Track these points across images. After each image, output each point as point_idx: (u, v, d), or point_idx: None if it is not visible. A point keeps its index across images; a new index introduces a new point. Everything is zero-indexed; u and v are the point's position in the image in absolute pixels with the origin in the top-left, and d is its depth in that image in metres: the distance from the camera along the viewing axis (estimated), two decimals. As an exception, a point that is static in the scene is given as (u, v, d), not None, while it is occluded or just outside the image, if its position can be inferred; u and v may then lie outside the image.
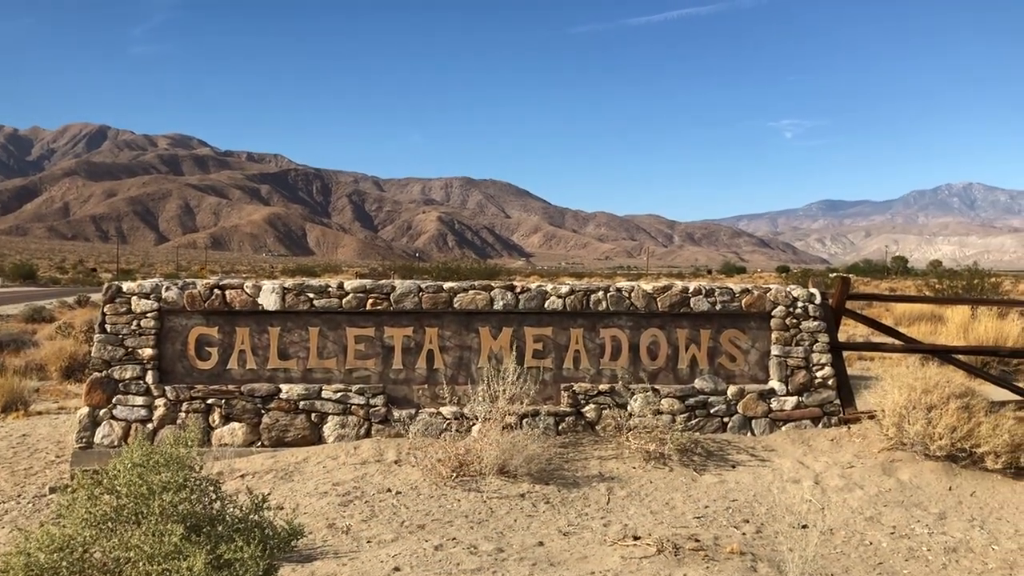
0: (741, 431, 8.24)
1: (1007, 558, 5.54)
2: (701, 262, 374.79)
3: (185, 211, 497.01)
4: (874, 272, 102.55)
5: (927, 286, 35.45)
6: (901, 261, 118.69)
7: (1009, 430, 7.17)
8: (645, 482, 6.92)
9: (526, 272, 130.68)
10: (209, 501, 4.05)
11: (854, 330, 18.04)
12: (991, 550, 5.69)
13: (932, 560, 5.49)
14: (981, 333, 14.60)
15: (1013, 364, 13.70)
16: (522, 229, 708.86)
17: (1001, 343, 13.70)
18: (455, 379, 8.11)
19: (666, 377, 8.37)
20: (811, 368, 8.43)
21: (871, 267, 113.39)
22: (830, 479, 7.04)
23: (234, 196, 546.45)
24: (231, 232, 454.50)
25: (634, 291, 8.35)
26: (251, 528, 3.98)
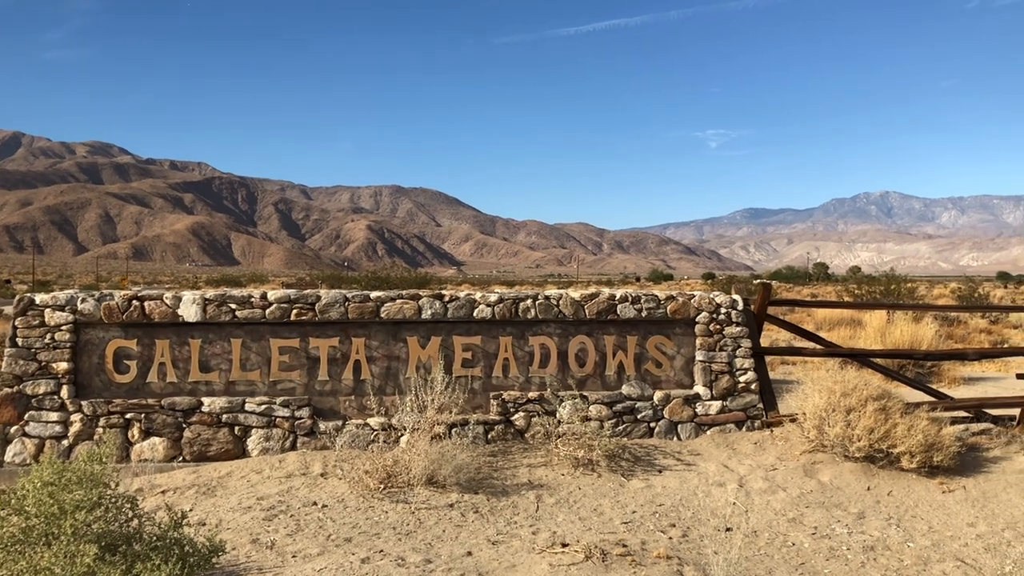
0: (667, 436, 8.34)
1: (921, 555, 5.72)
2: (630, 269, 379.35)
3: (105, 220, 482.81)
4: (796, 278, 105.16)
5: (847, 291, 36.50)
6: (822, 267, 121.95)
7: (923, 431, 7.42)
8: (574, 489, 6.95)
9: (457, 281, 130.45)
10: (126, 519, 3.93)
11: (777, 335, 18.44)
12: (907, 547, 5.87)
13: (851, 559, 5.63)
14: (897, 337, 15.10)
15: (927, 366, 14.19)
16: (453, 237, 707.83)
17: (916, 346, 14.19)
18: (383, 390, 8.03)
19: (594, 384, 8.43)
20: (735, 373, 8.59)
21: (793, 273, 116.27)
22: (754, 482, 7.17)
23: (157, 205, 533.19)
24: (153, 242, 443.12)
25: (562, 299, 8.40)
26: (170, 546, 3.87)
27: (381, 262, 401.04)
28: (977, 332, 22.51)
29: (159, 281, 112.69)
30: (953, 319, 24.05)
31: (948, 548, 5.87)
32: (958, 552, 5.79)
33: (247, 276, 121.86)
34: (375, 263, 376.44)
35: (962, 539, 6.06)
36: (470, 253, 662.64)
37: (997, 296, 42.53)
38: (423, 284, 40.42)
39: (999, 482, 7.37)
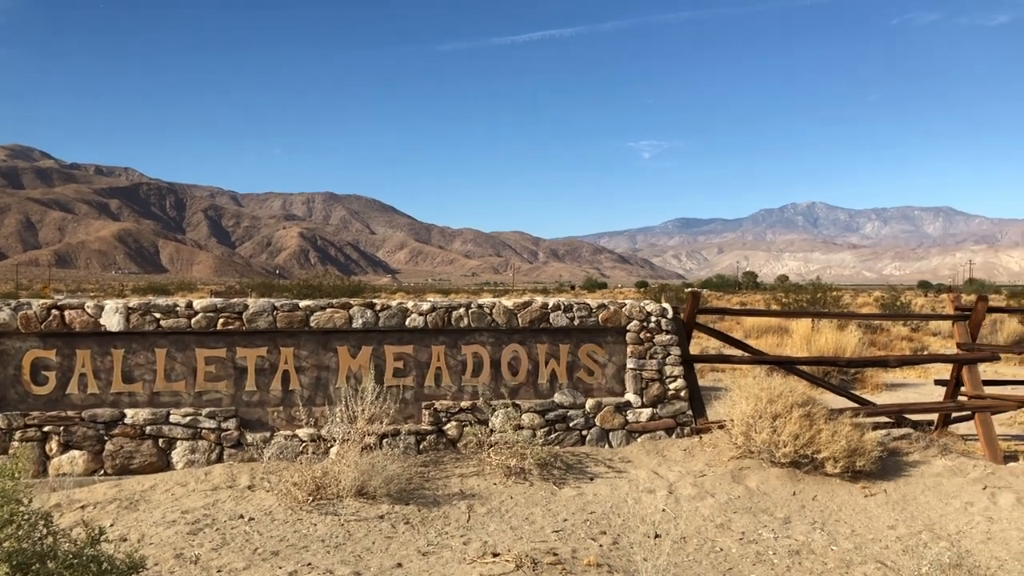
0: (599, 443, 8.39)
1: (844, 557, 5.85)
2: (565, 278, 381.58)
3: (26, 227, 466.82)
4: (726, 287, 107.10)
5: (774, 300, 37.28)
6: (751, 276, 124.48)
7: (846, 436, 7.61)
8: (506, 498, 6.94)
9: (392, 289, 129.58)
10: (40, 536, 3.78)
11: (707, 343, 18.76)
12: (830, 551, 5.99)
13: (777, 563, 5.73)
14: (823, 344, 15.48)
15: (851, 373, 14.57)
16: (388, 245, 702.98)
17: (840, 353, 14.56)
18: (312, 400, 7.91)
19: (527, 392, 8.44)
20: (665, 380, 8.69)
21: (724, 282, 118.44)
22: (683, 488, 7.25)
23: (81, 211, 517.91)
24: (78, 249, 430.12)
25: (495, 307, 8.39)
26: (86, 563, 3.74)
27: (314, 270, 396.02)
28: (899, 339, 23.22)
29: (83, 289, 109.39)
30: (876, 327, 24.75)
31: (870, 550, 6.02)
32: (879, 554, 5.93)
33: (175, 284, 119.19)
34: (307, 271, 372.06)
35: (883, 541, 6.22)
36: (405, 261, 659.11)
37: (918, 304, 43.89)
38: (356, 293, 40.02)
39: (918, 485, 7.59)
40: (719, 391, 11.26)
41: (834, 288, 37.21)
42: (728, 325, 25.38)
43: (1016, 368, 17.49)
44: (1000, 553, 6.02)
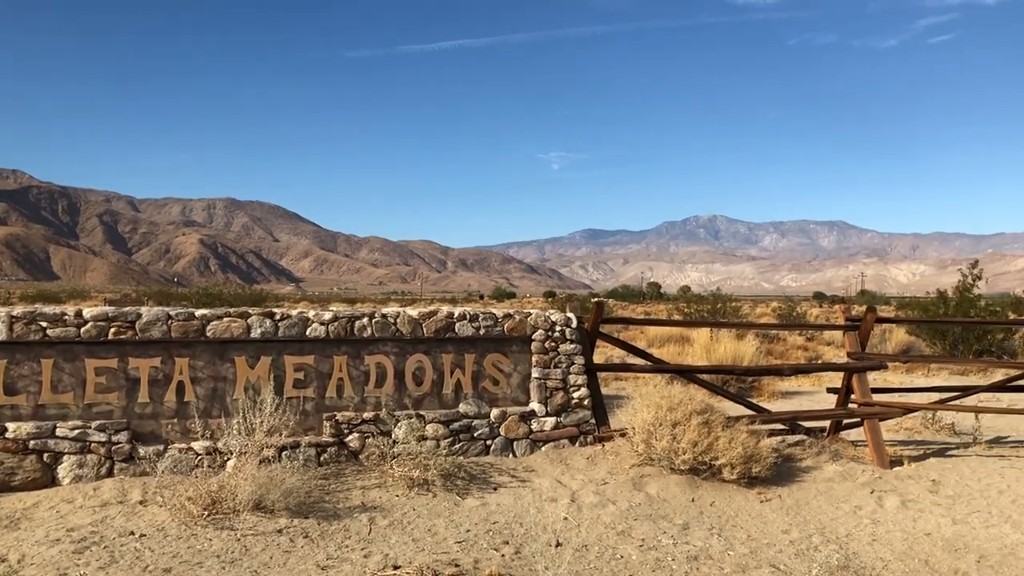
0: (503, 453, 8.40)
1: (740, 562, 5.98)
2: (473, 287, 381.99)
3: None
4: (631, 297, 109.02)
5: (677, 310, 38.10)
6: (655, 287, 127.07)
7: (743, 443, 7.80)
8: (408, 509, 6.86)
9: (295, 298, 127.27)
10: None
11: (611, 352, 19.01)
12: (727, 556, 6.12)
13: (676, 569, 5.82)
14: (722, 353, 15.88)
15: (749, 381, 14.98)
16: (292, 253, 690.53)
17: (738, 362, 14.95)
18: (208, 412, 7.67)
19: (431, 402, 8.39)
20: (569, 389, 8.76)
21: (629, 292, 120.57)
22: (585, 496, 7.31)
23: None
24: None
25: (400, 317, 8.32)
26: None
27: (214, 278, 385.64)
28: (795, 348, 23.99)
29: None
30: (773, 336, 25.53)
31: (764, 555, 6.17)
32: (773, 559, 6.09)
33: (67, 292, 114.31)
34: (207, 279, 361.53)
35: (777, 546, 6.39)
36: (310, 269, 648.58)
37: (813, 315, 45.49)
38: (258, 301, 39.16)
39: (810, 490, 7.84)
40: (622, 399, 11.42)
41: (734, 299, 38.28)
42: (632, 334, 25.81)
43: (903, 376, 18.28)
44: (885, 554, 6.25)
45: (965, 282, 23.44)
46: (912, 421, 11.52)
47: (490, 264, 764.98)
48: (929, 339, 22.66)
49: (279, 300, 75.05)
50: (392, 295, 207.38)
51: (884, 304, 68.49)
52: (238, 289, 42.63)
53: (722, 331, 18.04)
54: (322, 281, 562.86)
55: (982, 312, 22.93)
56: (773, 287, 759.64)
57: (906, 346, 22.48)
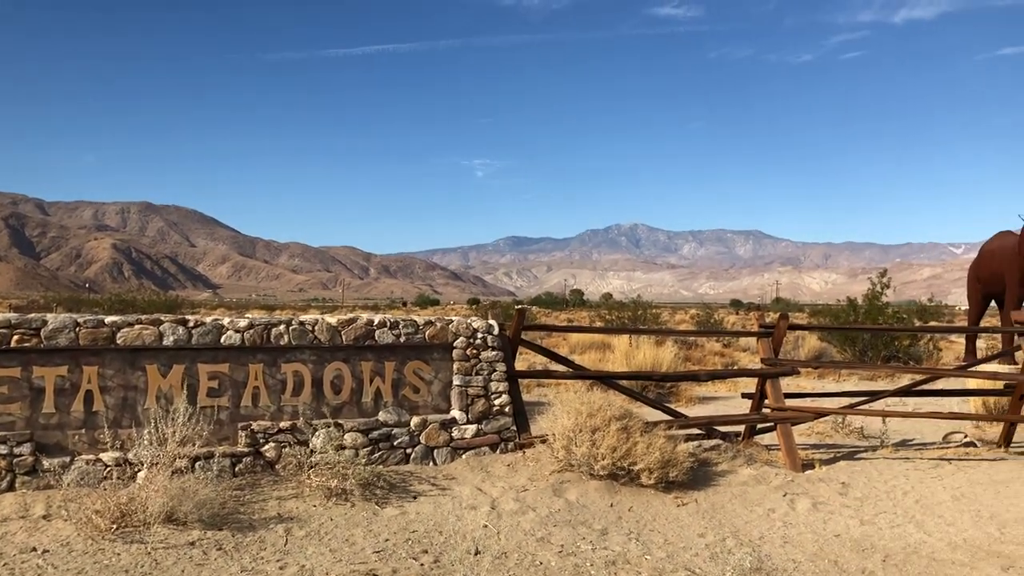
0: (424, 461, 8.34)
1: (657, 566, 6.06)
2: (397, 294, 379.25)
3: None
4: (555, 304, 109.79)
5: (599, 317, 38.53)
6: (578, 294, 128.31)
7: (660, 448, 7.92)
8: (326, 520, 6.76)
9: (212, 304, 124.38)
10: None
11: (534, 358, 19.08)
12: (644, 560, 6.20)
13: (594, 574, 5.86)
14: (641, 359, 16.08)
15: (667, 387, 15.21)
16: (209, 259, 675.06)
17: (657, 368, 15.17)
18: (118, 422, 7.42)
19: (350, 411, 8.28)
20: (490, 396, 8.75)
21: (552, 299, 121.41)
22: (506, 503, 7.31)
23: None
24: None
25: (318, 324, 8.19)
26: None
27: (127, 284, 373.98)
28: (712, 355, 24.47)
29: None
30: (692, 343, 26.01)
31: (680, 559, 6.26)
32: (688, 562, 6.19)
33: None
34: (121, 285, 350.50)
35: (693, 549, 6.50)
36: (227, 276, 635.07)
37: (730, 322, 46.52)
38: (173, 308, 38.16)
39: (725, 494, 8.00)
40: (544, 406, 11.47)
41: (654, 306, 38.88)
42: (555, 341, 25.96)
43: (815, 381, 18.81)
44: (796, 555, 6.41)
45: (874, 290, 24.28)
46: (823, 425, 11.87)
47: (414, 271, 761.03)
48: (840, 345, 23.37)
49: (195, 307, 73.26)
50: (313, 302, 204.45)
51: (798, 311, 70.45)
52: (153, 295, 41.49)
53: (642, 338, 18.28)
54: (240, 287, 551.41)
55: (890, 319, 23.78)
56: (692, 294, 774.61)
57: (818, 352, 23.13)
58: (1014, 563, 6.26)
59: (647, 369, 14.92)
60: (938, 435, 11.51)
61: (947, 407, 12.70)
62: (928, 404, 13.25)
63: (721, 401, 15.34)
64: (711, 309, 55.55)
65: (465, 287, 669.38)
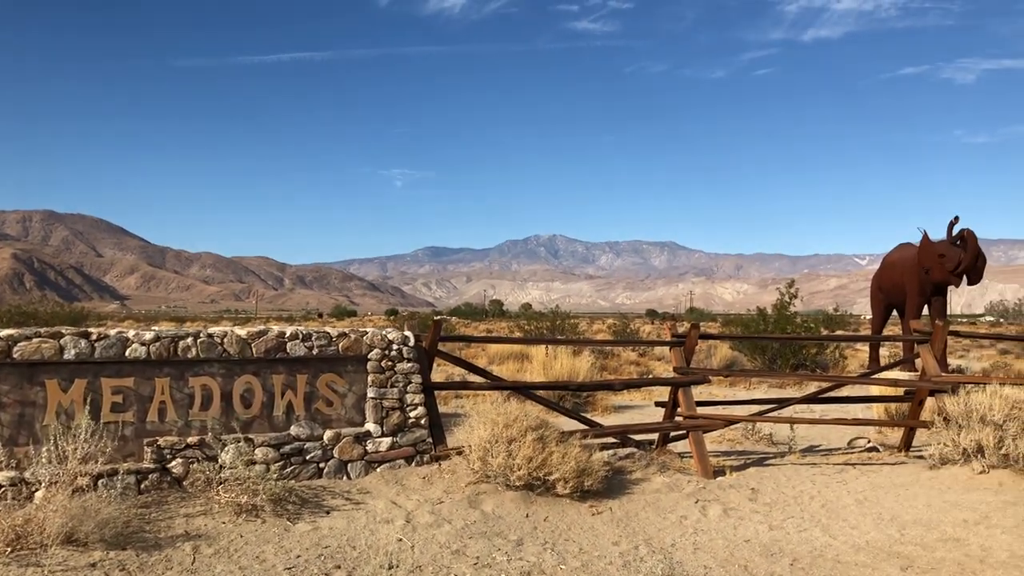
0: (337, 476, 8.21)
1: (571, 575, 6.09)
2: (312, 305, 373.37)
3: None
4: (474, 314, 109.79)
5: (518, 327, 38.66)
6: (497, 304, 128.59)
7: (575, 457, 7.97)
8: (235, 536, 6.59)
9: (120, 316, 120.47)
10: None
11: (453, 370, 19.02)
12: (559, 570, 6.22)
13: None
14: (559, 369, 16.18)
15: (584, 396, 15.35)
16: (116, 269, 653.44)
17: (574, 378, 15.28)
18: (15, 440, 7.09)
19: (261, 425, 8.10)
20: (405, 409, 8.68)
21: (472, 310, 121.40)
22: (421, 516, 7.26)
23: None
24: None
25: (227, 337, 8.00)
26: None
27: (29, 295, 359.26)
28: (628, 364, 24.81)
29: None
30: (608, 352, 26.30)
31: (595, 567, 6.31)
32: (602, 571, 6.24)
33: None
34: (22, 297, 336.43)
35: (607, 558, 6.55)
36: (136, 287, 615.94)
37: (645, 331, 47.19)
38: (78, 320, 36.79)
39: (639, 502, 8.10)
40: (461, 417, 11.44)
41: (572, 316, 39.20)
42: (474, 352, 25.95)
43: (727, 390, 19.23)
44: (708, 561, 6.53)
45: (782, 300, 24.98)
46: (734, 432, 12.14)
47: (330, 281, 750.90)
48: (750, 354, 23.96)
49: (102, 319, 70.85)
50: (225, 314, 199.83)
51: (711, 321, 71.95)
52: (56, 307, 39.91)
53: (560, 348, 18.40)
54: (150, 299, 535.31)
55: (798, 328, 24.49)
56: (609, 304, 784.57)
57: (730, 361, 23.67)
58: (912, 563, 6.50)
59: (564, 379, 15.02)
60: (843, 440, 11.89)
61: (851, 413, 13.17)
62: (834, 411, 13.70)
63: (636, 410, 15.56)
64: (628, 319, 56.32)
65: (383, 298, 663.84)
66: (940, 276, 17.42)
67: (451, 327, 49.63)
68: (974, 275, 17.41)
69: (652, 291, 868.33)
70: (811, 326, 25.87)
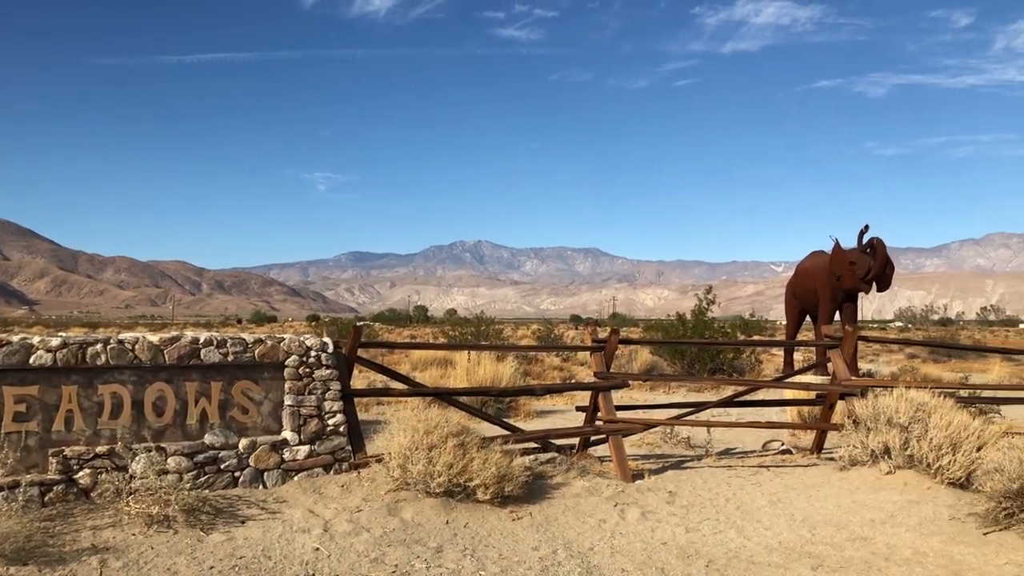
0: (253, 485, 8.05)
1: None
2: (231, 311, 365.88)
3: None
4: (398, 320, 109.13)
5: (443, 333, 38.54)
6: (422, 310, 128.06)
7: (496, 463, 7.97)
8: (145, 549, 6.39)
9: (29, 322, 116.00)
10: None
11: (375, 376, 18.83)
12: (478, 575, 6.22)
13: (427, 592, 5.82)
14: (482, 375, 16.17)
15: (507, 402, 15.37)
16: (25, 273, 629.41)
17: (496, 383, 15.30)
18: (-92, 452, 6.77)
19: (174, 434, 7.89)
20: (324, 416, 8.56)
21: (396, 316, 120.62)
22: (339, 525, 7.16)
23: None
24: None
25: (139, 343, 7.77)
26: None
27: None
28: (551, 369, 24.94)
29: None
30: (532, 358, 26.42)
31: (513, 573, 6.32)
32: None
33: None
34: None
35: (527, 563, 6.56)
36: (46, 291, 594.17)
37: (569, 337, 47.53)
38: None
39: (559, 506, 8.14)
40: (382, 424, 11.34)
41: (497, 322, 39.27)
42: (397, 358, 25.76)
43: (647, 394, 19.49)
44: (625, 564, 6.60)
45: (700, 306, 25.48)
46: (653, 436, 12.32)
47: (250, 287, 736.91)
48: (670, 359, 24.35)
49: (9, 325, 68.14)
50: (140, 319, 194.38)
51: (633, 326, 72.91)
52: (-42, 313, 38.25)
53: (484, 353, 18.40)
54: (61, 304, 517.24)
55: (716, 334, 25.01)
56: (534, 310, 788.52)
57: (650, 365, 24.01)
58: (823, 562, 6.68)
59: (487, 385, 15.02)
60: (758, 443, 12.18)
61: (766, 417, 13.50)
62: (749, 414, 14.01)
63: (559, 414, 15.64)
64: (552, 324, 56.60)
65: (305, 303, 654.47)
66: (851, 283, 18.01)
67: (374, 333, 49.20)
68: (883, 282, 18.07)
69: (576, 297, 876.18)
70: (728, 331, 26.46)
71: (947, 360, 34.11)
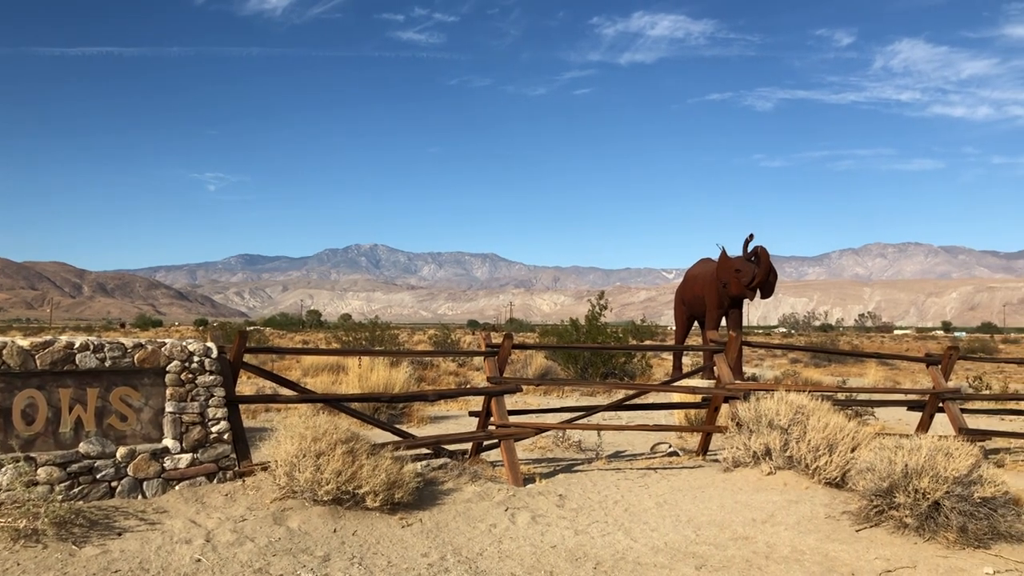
0: (131, 495, 7.72)
1: (378, 589, 6.01)
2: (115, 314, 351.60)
3: None
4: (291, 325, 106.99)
5: (336, 338, 37.95)
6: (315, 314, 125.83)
7: (386, 469, 7.89)
8: (11, 565, 6.06)
9: None
10: None
11: (264, 382, 18.42)
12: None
13: (313, 602, 5.70)
14: (375, 381, 16.01)
15: (400, 408, 15.25)
16: None
17: (390, 389, 15.16)
18: None
19: (45, 443, 7.50)
20: (207, 423, 8.30)
21: (288, 320, 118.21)
22: (222, 535, 6.95)
23: None
24: None
25: (7, 348, 7.36)
26: None
27: None
28: (447, 374, 24.91)
29: None
30: (427, 363, 26.30)
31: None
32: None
33: None
34: None
35: (416, 569, 6.51)
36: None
37: (466, 342, 47.56)
38: None
39: (450, 512, 8.11)
40: (270, 432, 11.07)
41: (393, 327, 38.97)
42: (288, 364, 25.26)
43: (541, 398, 19.68)
44: (515, 568, 6.62)
45: (593, 311, 25.88)
46: (545, 440, 12.42)
47: (134, 289, 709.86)
48: (564, 363, 24.64)
49: None
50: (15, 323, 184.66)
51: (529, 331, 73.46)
52: None
53: (377, 359, 18.21)
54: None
55: (608, 339, 25.43)
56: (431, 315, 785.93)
57: (545, 370, 24.25)
58: (706, 562, 6.86)
59: (379, 391, 14.87)
60: (647, 446, 12.43)
61: (655, 419, 13.80)
62: (639, 417, 14.31)
63: (452, 420, 15.63)
64: (449, 329, 56.55)
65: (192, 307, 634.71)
66: (736, 290, 18.62)
67: (264, 338, 48.07)
68: (767, 289, 18.76)
69: (474, 302, 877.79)
70: (620, 336, 26.95)
71: (827, 364, 35.70)
